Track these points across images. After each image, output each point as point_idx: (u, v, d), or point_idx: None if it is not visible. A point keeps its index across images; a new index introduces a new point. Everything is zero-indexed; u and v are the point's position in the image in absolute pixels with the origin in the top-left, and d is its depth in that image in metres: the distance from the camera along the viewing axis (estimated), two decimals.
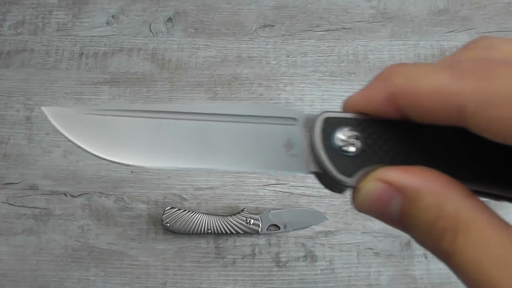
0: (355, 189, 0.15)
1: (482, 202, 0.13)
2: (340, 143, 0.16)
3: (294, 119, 0.17)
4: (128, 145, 0.16)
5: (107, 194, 0.47)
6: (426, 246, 0.14)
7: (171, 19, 0.54)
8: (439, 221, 0.13)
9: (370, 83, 0.15)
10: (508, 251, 0.12)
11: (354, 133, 0.16)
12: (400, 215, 0.14)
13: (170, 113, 0.17)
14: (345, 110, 0.16)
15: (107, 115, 0.17)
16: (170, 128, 0.16)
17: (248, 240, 0.45)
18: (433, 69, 0.13)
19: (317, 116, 0.16)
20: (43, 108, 0.17)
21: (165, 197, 0.47)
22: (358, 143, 0.16)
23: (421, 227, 0.13)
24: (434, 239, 0.13)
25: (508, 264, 0.11)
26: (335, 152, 0.16)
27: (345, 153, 0.16)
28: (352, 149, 0.16)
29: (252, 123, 0.17)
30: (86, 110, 0.17)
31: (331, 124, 0.16)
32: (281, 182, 0.47)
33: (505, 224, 0.12)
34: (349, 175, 0.15)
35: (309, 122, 0.17)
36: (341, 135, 0.16)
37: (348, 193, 0.46)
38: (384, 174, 0.14)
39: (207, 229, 0.44)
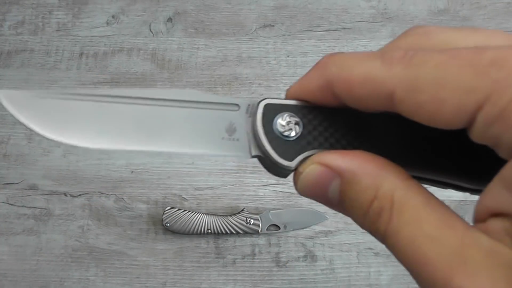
0: (295, 172, 0.16)
1: (418, 184, 0.13)
2: (281, 128, 0.16)
3: (236, 105, 0.18)
4: (76, 127, 0.17)
5: (107, 194, 0.47)
6: (365, 228, 0.14)
7: (171, 19, 0.54)
8: (375, 201, 0.13)
9: (307, 72, 0.16)
10: (440, 229, 0.12)
11: (294, 118, 0.16)
12: (338, 197, 0.14)
13: (116, 97, 0.17)
14: (287, 98, 0.17)
15: (58, 98, 0.17)
16: (116, 112, 0.17)
17: (248, 240, 0.45)
18: (365, 58, 0.14)
19: (259, 102, 0.17)
20: None
21: (165, 197, 0.47)
22: (298, 129, 0.16)
23: (358, 209, 0.14)
24: (371, 220, 0.13)
25: (440, 241, 0.12)
26: (276, 137, 0.16)
27: (285, 138, 0.16)
28: (292, 134, 0.16)
29: (196, 108, 0.17)
30: (38, 93, 0.17)
31: (272, 110, 0.17)
32: (281, 182, 0.47)
33: (440, 204, 0.13)
34: (289, 159, 0.16)
35: (251, 108, 0.17)
36: (281, 121, 0.16)
37: None
38: (323, 157, 0.15)
39: (207, 229, 0.44)
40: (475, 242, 0.12)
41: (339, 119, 0.16)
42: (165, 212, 0.44)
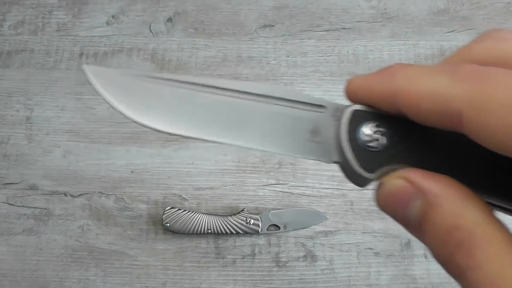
0: (379, 184, 0.15)
1: (499, 220, 0.13)
2: (365, 138, 0.16)
3: (323, 107, 0.17)
4: (159, 111, 0.17)
5: (107, 194, 0.47)
6: (440, 257, 0.13)
7: (171, 19, 0.54)
8: (456, 231, 0.12)
9: (373, 74, 0.15)
10: (504, 251, 0.12)
11: (381, 129, 0.16)
12: (418, 217, 0.14)
13: (203, 86, 0.17)
14: (348, 88, 0.16)
15: (145, 81, 0.17)
16: (202, 101, 0.17)
17: (248, 240, 0.45)
18: (434, 72, 0.13)
19: (346, 107, 0.16)
20: (84, 66, 0.17)
21: (165, 197, 0.47)
22: (383, 139, 0.15)
23: (437, 234, 0.13)
24: (449, 250, 0.13)
25: (502, 268, 0.11)
26: (359, 146, 0.16)
27: (368, 148, 0.16)
28: (376, 144, 0.15)
29: (282, 106, 0.17)
30: (125, 73, 0.17)
31: (359, 117, 0.16)
32: (281, 182, 0.47)
33: None
34: (370, 170, 0.15)
35: (338, 112, 0.17)
36: (367, 130, 0.16)
37: (349, 194, 0.45)
38: (409, 173, 0.14)
39: (207, 229, 0.44)
40: None
41: (427, 135, 0.15)
42: (165, 212, 0.44)
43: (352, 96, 0.16)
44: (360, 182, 0.16)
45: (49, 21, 0.55)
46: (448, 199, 0.13)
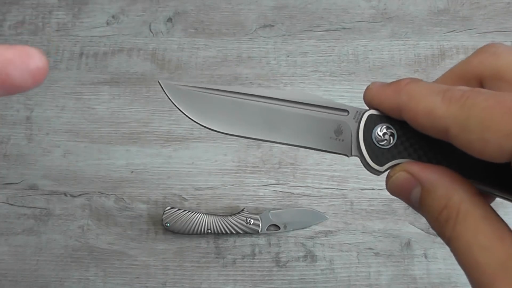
0: (387, 176, 0.19)
1: (482, 199, 0.16)
2: (377, 137, 0.19)
3: (346, 111, 0.20)
4: (217, 115, 0.21)
5: (107, 194, 0.47)
6: (435, 230, 0.16)
7: (171, 19, 0.54)
8: (444, 210, 0.16)
9: (387, 85, 0.19)
10: (492, 240, 0.14)
11: (391, 130, 0.19)
12: (418, 201, 0.17)
13: (249, 95, 0.21)
14: (365, 95, 0.20)
15: (205, 92, 0.21)
16: (249, 107, 0.21)
17: (248, 240, 0.45)
18: (430, 92, 0.16)
19: (364, 111, 0.20)
20: (160, 81, 0.22)
21: (165, 197, 0.47)
22: (392, 140, 0.19)
23: (432, 214, 0.16)
24: (440, 225, 0.16)
25: (490, 251, 0.14)
26: (372, 144, 0.19)
27: (380, 146, 0.19)
28: (386, 143, 0.19)
29: (313, 110, 0.21)
30: (191, 86, 0.22)
31: (373, 120, 0.20)
32: (281, 182, 0.47)
33: (498, 218, 0.15)
34: (380, 164, 0.19)
35: (357, 116, 0.20)
36: (379, 131, 0.19)
37: (349, 194, 0.45)
38: (409, 167, 0.18)
39: (207, 229, 0.44)
40: None
41: (427, 136, 0.18)
42: (165, 212, 0.44)
43: (368, 103, 0.20)
44: (374, 172, 0.20)
45: (49, 21, 0.55)
46: (439, 185, 0.16)
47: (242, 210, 0.45)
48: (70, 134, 0.49)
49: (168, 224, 0.44)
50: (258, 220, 0.44)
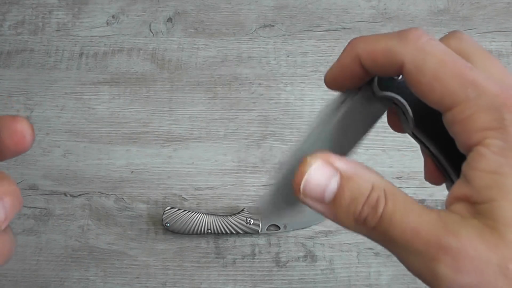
0: (299, 172, 0.18)
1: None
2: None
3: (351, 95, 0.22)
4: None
5: (107, 194, 0.47)
6: (360, 217, 0.17)
7: (171, 19, 0.54)
8: (372, 192, 0.16)
9: (338, 57, 0.20)
10: (423, 209, 0.16)
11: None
12: (335, 192, 0.17)
13: None
14: (326, 81, 0.21)
15: None
16: None
17: (248, 240, 0.45)
18: (385, 36, 0.18)
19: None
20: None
21: (165, 197, 0.47)
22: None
23: (357, 199, 0.17)
24: (371, 206, 0.16)
25: (425, 216, 0.16)
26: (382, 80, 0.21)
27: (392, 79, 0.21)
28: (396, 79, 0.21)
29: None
30: None
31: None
32: None
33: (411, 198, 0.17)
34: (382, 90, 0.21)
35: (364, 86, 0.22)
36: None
37: None
38: (326, 157, 0.17)
39: (207, 229, 0.44)
40: (448, 215, 0.16)
41: None
42: (165, 212, 0.44)
43: (331, 85, 0.21)
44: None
45: (49, 21, 0.55)
46: (360, 172, 0.17)
47: (242, 210, 0.45)
48: (70, 134, 0.49)
49: (168, 224, 0.44)
50: (258, 220, 0.44)
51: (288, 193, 0.20)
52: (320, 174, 0.17)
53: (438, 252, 0.15)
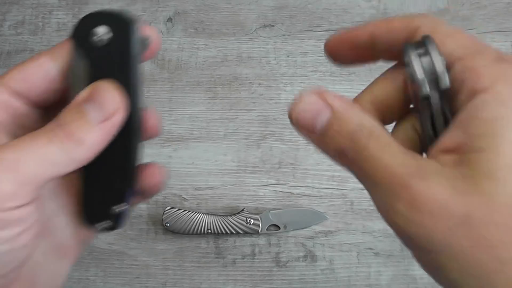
0: (294, 102, 0.19)
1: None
2: None
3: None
4: None
5: None
6: (348, 151, 0.18)
7: (171, 19, 0.54)
8: (359, 130, 0.17)
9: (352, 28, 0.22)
10: (403, 153, 0.17)
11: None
12: (325, 126, 0.18)
13: None
14: (329, 43, 0.23)
15: None
16: None
17: (248, 240, 0.45)
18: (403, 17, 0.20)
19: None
20: None
21: (165, 197, 0.47)
22: None
23: (345, 134, 0.18)
24: (357, 137, 0.17)
25: (403, 156, 0.17)
26: None
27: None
28: None
29: None
30: None
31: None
32: (281, 182, 0.47)
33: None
34: None
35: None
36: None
37: (349, 194, 0.45)
38: (321, 92, 0.19)
39: (207, 229, 0.44)
40: (428, 162, 0.17)
41: None
42: (165, 212, 0.44)
43: (331, 47, 0.23)
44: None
45: (49, 21, 0.55)
46: (351, 109, 0.18)
47: (242, 210, 0.45)
48: None
49: (168, 224, 0.44)
50: (258, 220, 0.44)
51: None
52: (312, 106, 0.18)
53: (401, 190, 0.16)
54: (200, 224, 0.44)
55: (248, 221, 0.44)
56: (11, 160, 0.17)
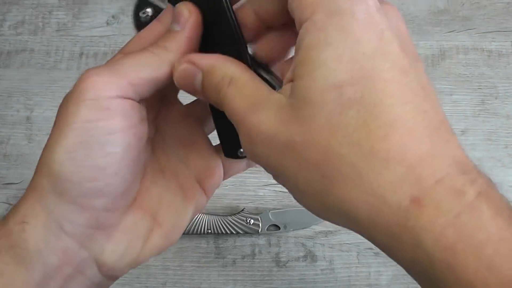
0: (173, 70, 0.21)
1: (251, 71, 0.20)
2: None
3: None
4: None
5: None
6: (217, 102, 0.20)
7: None
8: (223, 79, 0.19)
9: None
10: (252, 92, 0.19)
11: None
12: (200, 85, 0.20)
13: None
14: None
15: None
16: None
17: (248, 240, 0.45)
18: None
19: None
20: None
21: None
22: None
23: (211, 90, 0.20)
24: (218, 89, 0.20)
25: (247, 98, 0.19)
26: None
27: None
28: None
29: None
30: None
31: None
32: None
33: (260, 81, 0.20)
34: None
35: None
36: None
37: None
38: (190, 57, 0.21)
39: (207, 229, 0.44)
40: (273, 95, 0.18)
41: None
42: None
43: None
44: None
45: (49, 21, 0.55)
46: (216, 65, 0.20)
47: (242, 210, 0.45)
48: None
49: None
50: (258, 220, 0.44)
51: None
52: (186, 72, 0.20)
53: (241, 126, 0.19)
54: (200, 224, 0.44)
55: (248, 221, 0.44)
56: (109, 62, 0.21)
